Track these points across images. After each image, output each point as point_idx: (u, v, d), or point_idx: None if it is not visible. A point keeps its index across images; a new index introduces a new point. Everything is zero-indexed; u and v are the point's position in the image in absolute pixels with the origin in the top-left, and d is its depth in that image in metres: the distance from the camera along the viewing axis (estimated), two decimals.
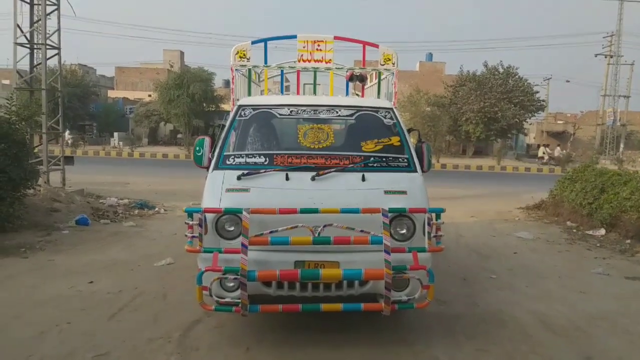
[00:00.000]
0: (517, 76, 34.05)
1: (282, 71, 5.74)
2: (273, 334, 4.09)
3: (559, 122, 49.28)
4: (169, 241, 7.66)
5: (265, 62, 5.63)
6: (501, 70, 34.37)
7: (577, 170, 11.87)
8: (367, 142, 4.29)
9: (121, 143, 35.03)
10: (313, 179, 3.93)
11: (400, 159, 4.22)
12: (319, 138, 4.25)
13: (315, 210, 3.63)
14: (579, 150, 36.66)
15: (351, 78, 5.52)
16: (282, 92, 5.86)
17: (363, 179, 3.97)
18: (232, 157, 4.16)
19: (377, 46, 5.61)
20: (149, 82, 43.40)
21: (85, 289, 5.17)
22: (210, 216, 3.74)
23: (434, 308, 4.62)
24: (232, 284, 3.72)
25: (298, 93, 5.93)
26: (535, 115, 37.23)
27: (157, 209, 10.75)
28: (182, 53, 50.06)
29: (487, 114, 32.57)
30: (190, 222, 3.72)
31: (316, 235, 3.61)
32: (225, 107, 38.59)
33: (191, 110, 34.92)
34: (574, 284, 6.05)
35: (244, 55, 5.53)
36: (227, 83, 46.96)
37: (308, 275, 3.56)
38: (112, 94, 47.68)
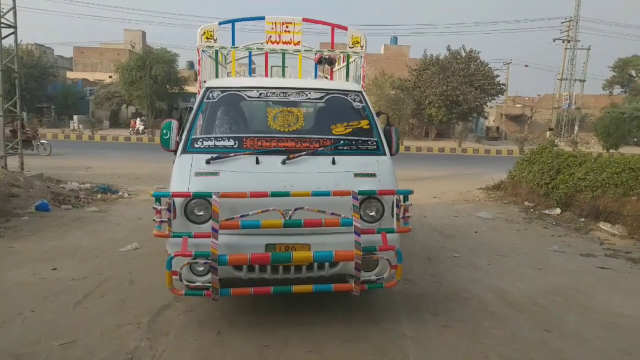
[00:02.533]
0: (478, 60, 34.71)
1: (249, 53, 5.67)
2: (244, 317, 4.12)
3: (517, 105, 50.60)
4: (134, 226, 7.55)
5: (233, 43, 5.54)
6: (463, 54, 34.94)
7: (535, 152, 12.27)
8: (337, 125, 4.31)
9: (81, 126, 33.96)
10: (284, 162, 3.94)
11: (369, 142, 4.27)
12: (289, 121, 4.25)
13: (286, 194, 3.65)
14: (535, 132, 37.83)
15: (320, 60, 5.51)
16: (249, 74, 5.79)
17: (333, 162, 4.01)
18: (201, 140, 4.11)
19: (345, 29, 5.60)
20: (109, 63, 41.98)
21: (48, 275, 5.05)
22: (178, 200, 3.71)
23: (400, 287, 4.75)
24: (202, 268, 3.72)
25: (266, 75, 5.88)
26: (495, 98, 38.11)
27: (120, 193, 10.52)
28: (144, 33, 48.52)
29: (449, 97, 33.16)
30: (158, 207, 3.68)
31: (287, 218, 3.64)
32: (189, 89, 37.89)
33: (154, 92, 34.16)
34: (532, 261, 6.31)
35: (211, 36, 5.42)
36: (191, 64, 46.02)
37: (279, 259, 3.58)
38: (70, 75, 45.94)
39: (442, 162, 22.56)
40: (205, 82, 5.60)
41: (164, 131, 4.18)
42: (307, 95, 4.49)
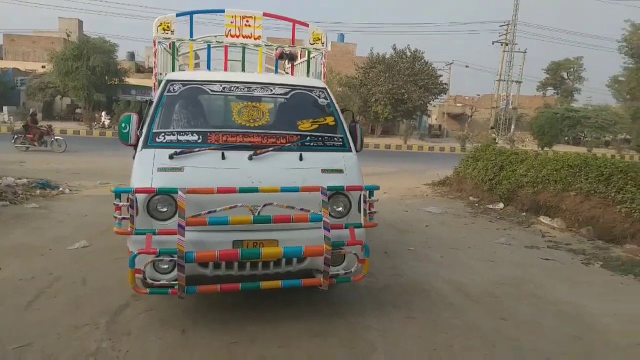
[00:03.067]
0: (422, 60, 35.62)
1: (208, 46, 5.54)
2: (209, 315, 4.04)
3: (458, 104, 52.46)
4: (79, 223, 7.21)
5: (191, 35, 5.40)
6: (408, 54, 35.75)
7: (479, 150, 12.78)
8: (303, 121, 4.30)
9: (12, 118, 31.85)
10: (250, 158, 3.89)
11: (335, 139, 4.29)
12: (254, 116, 4.20)
13: (254, 190, 3.61)
14: (475, 130, 39.36)
15: (281, 56, 5.47)
16: (208, 67, 5.65)
17: (300, 158, 4.00)
18: (162, 134, 3.98)
19: (307, 25, 5.60)
20: (42, 52, 39.69)
21: None
22: (141, 197, 3.58)
23: (363, 281, 4.79)
24: (166, 266, 3.61)
25: (225, 70, 5.77)
26: (438, 97, 39.31)
27: (61, 188, 9.99)
28: (80, 22, 46.26)
29: (395, 95, 33.84)
30: (119, 203, 3.55)
31: (256, 214, 3.61)
32: (130, 81, 36.48)
33: (92, 83, 32.64)
34: (482, 254, 6.59)
35: (168, 27, 5.26)
36: (131, 55, 44.45)
37: (248, 255, 3.54)
38: (0, 64, 43.00)
39: (389, 159, 23.02)
40: (161, 74, 5.44)
41: (123, 125, 4.02)
42: (271, 90, 4.45)
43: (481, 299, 4.78)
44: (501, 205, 10.41)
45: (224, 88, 4.37)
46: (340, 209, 3.93)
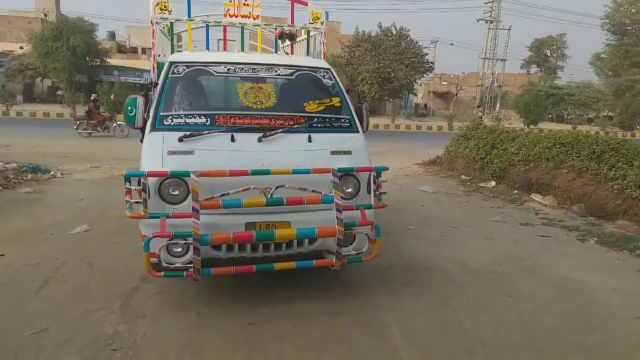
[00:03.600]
0: (408, 38, 35.43)
1: (207, 26, 5.44)
2: (221, 297, 4.07)
3: (443, 83, 52.51)
4: (76, 207, 7.14)
5: (189, 15, 5.30)
6: (394, 32, 35.52)
7: (470, 128, 12.87)
8: (310, 102, 4.29)
9: None
10: (260, 140, 3.88)
11: (342, 120, 4.29)
12: (261, 98, 4.17)
13: (266, 172, 3.62)
14: (461, 109, 39.57)
15: (281, 36, 5.41)
16: (207, 48, 5.57)
17: (309, 139, 4.00)
18: (170, 117, 3.94)
19: (306, 4, 5.53)
20: (19, 33, 38.55)
21: None
22: (152, 180, 3.56)
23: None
24: (179, 249, 3.62)
25: (225, 49, 5.69)
26: (424, 76, 39.28)
27: (52, 172, 9.84)
28: (57, 0, 44.89)
29: (381, 74, 33.69)
30: (132, 187, 3.53)
31: (268, 196, 3.62)
32: (112, 61, 35.73)
33: (72, 64, 31.87)
34: (479, 232, 6.70)
35: (165, 7, 5.15)
36: (112, 35, 43.44)
37: (263, 236, 3.57)
38: None
39: (378, 138, 22.97)
40: (159, 56, 5.35)
41: (129, 108, 3.95)
42: (276, 71, 4.42)
43: (483, 275, 4.88)
44: (493, 183, 10.55)
45: (228, 69, 4.32)
46: (349, 190, 3.96)
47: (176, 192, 3.64)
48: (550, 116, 41.05)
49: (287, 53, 6.25)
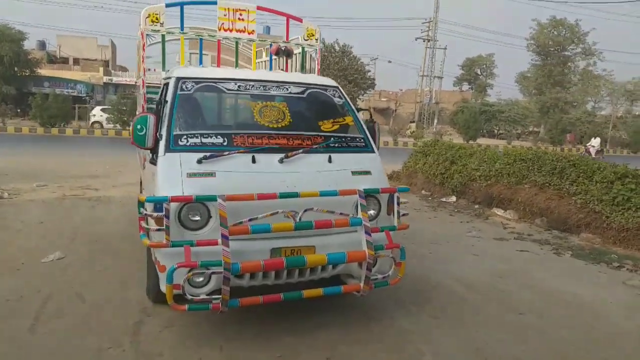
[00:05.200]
0: (351, 55, 36.17)
1: (201, 40, 5.21)
2: (240, 330, 3.80)
3: (383, 99, 53.91)
4: (39, 231, 6.54)
5: (182, 28, 5.07)
6: (337, 48, 36.13)
7: (428, 145, 13.21)
8: (324, 121, 4.18)
9: None
10: (281, 161, 3.71)
11: (357, 139, 4.21)
12: (276, 116, 4.01)
13: (294, 195, 3.47)
14: (400, 124, 40.72)
15: (277, 52, 5.28)
16: (200, 63, 5.33)
17: (329, 160, 3.89)
18: (185, 137, 3.69)
19: (300, 20, 5.46)
20: None
21: None
22: (172, 205, 3.31)
23: None
24: (201, 279, 3.38)
25: (218, 65, 5.47)
26: (367, 92, 40.16)
27: None
28: None
29: None
30: (154, 214, 3.27)
31: (297, 220, 3.46)
32: (43, 72, 33.72)
33: None
34: (462, 248, 6.81)
35: (157, 19, 4.91)
36: (42, 45, 40.95)
37: (294, 263, 3.40)
38: None
39: None
40: (149, 70, 5.06)
41: (139, 127, 3.65)
42: (287, 89, 4.28)
43: (489, 293, 4.92)
44: (454, 198, 10.84)
45: (239, 86, 4.13)
46: (371, 211, 3.87)
47: (197, 218, 3.41)
48: (482, 132, 43.20)
49: (281, 70, 6.12)
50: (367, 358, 3.48)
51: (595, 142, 27.35)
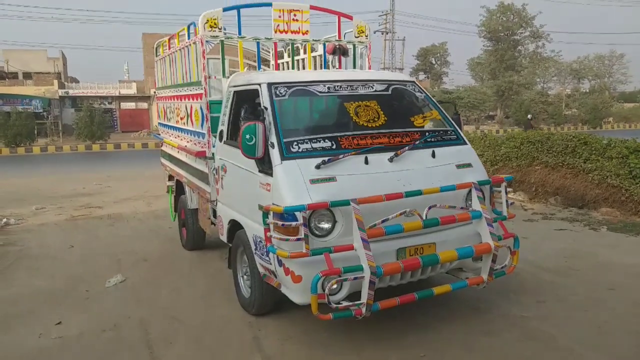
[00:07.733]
0: None
1: (257, 44, 5.04)
2: (355, 334, 3.73)
3: None
4: (76, 256, 6.21)
5: (240, 32, 4.90)
6: None
7: None
8: (415, 117, 4.15)
9: None
10: (391, 160, 3.66)
11: (449, 132, 4.20)
12: (372, 116, 3.94)
13: (418, 193, 3.45)
14: None
15: (334, 51, 5.18)
16: (258, 67, 5.16)
17: (433, 155, 3.86)
18: (295, 143, 3.57)
19: (351, 18, 5.39)
20: None
21: (61, 333, 3.90)
22: (300, 213, 3.21)
23: None
24: (335, 286, 3.28)
25: (276, 68, 5.32)
26: None
27: (5, 220, 8.48)
28: None
29: None
30: (292, 223, 3.16)
31: (424, 218, 3.42)
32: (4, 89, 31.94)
33: None
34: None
35: (215, 24, 4.72)
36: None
37: (429, 261, 3.39)
38: None
39: None
40: (209, 77, 4.86)
41: (247, 136, 3.48)
42: (372, 87, 4.21)
43: (568, 273, 5.00)
44: None
45: (329, 88, 4.03)
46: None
47: (327, 225, 3.33)
48: None
49: (334, 67, 6.01)
50: (506, 349, 3.49)
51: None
